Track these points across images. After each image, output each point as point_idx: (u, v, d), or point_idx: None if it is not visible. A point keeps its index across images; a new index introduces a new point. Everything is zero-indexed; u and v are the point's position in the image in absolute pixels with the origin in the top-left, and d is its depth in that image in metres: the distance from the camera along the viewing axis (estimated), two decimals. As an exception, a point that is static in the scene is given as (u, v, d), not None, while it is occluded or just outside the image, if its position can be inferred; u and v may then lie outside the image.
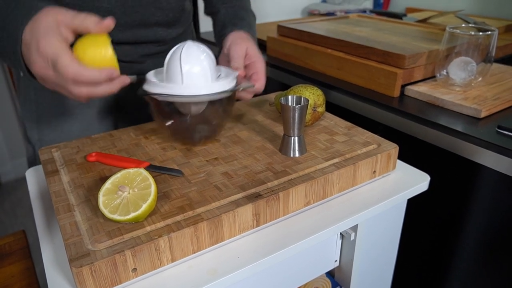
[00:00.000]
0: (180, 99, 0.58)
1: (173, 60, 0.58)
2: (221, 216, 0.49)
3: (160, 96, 0.58)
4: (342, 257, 0.65)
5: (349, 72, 1.00)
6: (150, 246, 0.45)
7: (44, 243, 0.52)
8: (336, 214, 0.56)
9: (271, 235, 0.53)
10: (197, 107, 0.61)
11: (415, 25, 1.22)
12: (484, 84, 0.90)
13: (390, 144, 0.65)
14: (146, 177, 0.50)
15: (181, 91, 0.57)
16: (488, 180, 0.75)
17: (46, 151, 0.64)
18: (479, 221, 0.79)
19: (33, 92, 0.77)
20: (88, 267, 0.42)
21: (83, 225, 0.48)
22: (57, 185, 0.55)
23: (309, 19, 1.35)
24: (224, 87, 0.59)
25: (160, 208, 0.50)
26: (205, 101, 0.60)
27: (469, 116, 0.80)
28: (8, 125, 2.31)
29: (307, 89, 0.68)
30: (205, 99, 0.58)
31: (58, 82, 0.50)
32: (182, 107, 0.61)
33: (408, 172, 0.66)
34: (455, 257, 0.85)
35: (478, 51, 0.86)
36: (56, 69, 0.48)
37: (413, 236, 0.90)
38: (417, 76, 0.94)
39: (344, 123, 0.72)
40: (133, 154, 0.63)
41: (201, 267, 0.48)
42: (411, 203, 0.68)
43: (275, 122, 0.73)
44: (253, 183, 0.55)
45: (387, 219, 0.66)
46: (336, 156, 0.61)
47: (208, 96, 0.58)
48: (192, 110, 0.61)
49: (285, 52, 1.18)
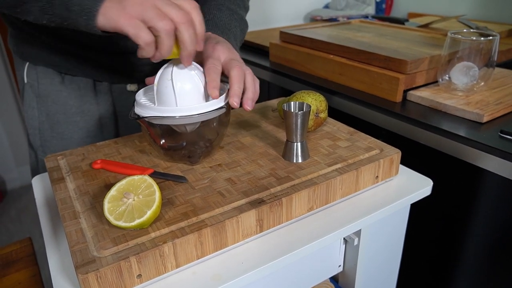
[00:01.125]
0: (174, 122, 0.56)
1: (163, 80, 0.56)
2: (224, 222, 0.49)
3: (154, 119, 0.55)
4: (346, 262, 0.66)
5: (351, 78, 1.00)
6: (154, 252, 0.45)
7: (50, 250, 0.53)
8: (339, 220, 0.57)
9: (275, 240, 0.53)
10: (192, 125, 0.59)
11: (417, 30, 1.23)
12: (487, 89, 0.91)
13: (393, 149, 0.65)
14: (151, 184, 0.50)
15: (176, 112, 0.55)
16: (491, 184, 0.75)
17: (52, 158, 0.65)
18: (482, 225, 0.79)
19: (36, 100, 0.79)
20: (93, 273, 0.42)
21: (88, 232, 0.48)
22: (63, 192, 0.56)
23: (311, 25, 1.36)
24: (218, 103, 0.57)
25: (164, 214, 0.50)
26: (200, 120, 0.58)
27: (472, 120, 0.80)
28: (14, 132, 2.33)
29: (310, 95, 0.68)
30: (200, 119, 0.56)
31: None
32: (177, 127, 0.59)
33: (411, 177, 0.67)
34: (459, 261, 0.85)
35: (480, 56, 0.87)
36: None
37: (417, 240, 0.90)
38: (419, 81, 0.94)
39: (346, 128, 0.73)
40: (138, 161, 0.63)
41: (205, 273, 0.48)
42: (414, 208, 0.68)
43: (278, 128, 0.74)
44: (256, 189, 0.55)
45: (391, 224, 0.66)
46: (338, 162, 0.61)
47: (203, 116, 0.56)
48: (188, 128, 0.59)
49: (288, 58, 1.19)
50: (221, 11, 0.71)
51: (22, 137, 2.36)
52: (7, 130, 2.30)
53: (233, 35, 0.70)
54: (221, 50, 0.62)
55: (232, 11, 0.73)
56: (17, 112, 2.31)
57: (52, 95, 0.79)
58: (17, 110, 2.31)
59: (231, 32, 0.70)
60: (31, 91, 0.79)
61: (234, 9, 0.73)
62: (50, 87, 0.78)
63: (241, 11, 0.76)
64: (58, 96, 0.79)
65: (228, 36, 0.68)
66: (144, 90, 0.62)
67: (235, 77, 0.58)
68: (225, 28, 0.69)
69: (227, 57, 0.61)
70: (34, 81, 0.78)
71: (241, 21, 0.75)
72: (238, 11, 0.74)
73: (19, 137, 2.36)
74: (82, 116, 0.80)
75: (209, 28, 0.68)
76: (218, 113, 0.58)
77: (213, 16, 0.70)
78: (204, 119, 0.57)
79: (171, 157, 0.63)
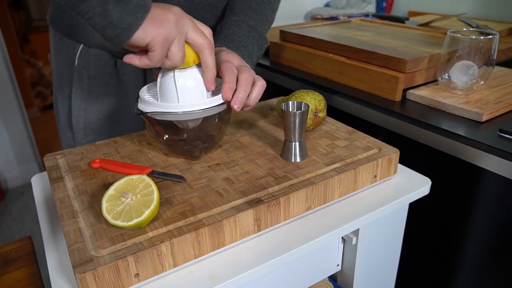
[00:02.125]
0: (176, 118, 0.57)
1: (166, 76, 0.57)
2: (222, 221, 0.49)
3: (156, 114, 0.57)
4: (344, 261, 0.66)
5: (350, 77, 1.00)
6: (152, 251, 0.45)
7: (49, 249, 0.53)
8: (337, 219, 0.57)
9: (272, 240, 0.53)
10: (194, 121, 0.60)
11: (417, 29, 1.22)
12: (486, 88, 0.90)
13: (391, 149, 0.65)
14: (149, 184, 0.50)
15: (177, 108, 0.56)
16: (490, 184, 0.75)
17: (51, 157, 0.65)
18: (481, 225, 0.79)
19: (87, 82, 0.81)
20: (91, 272, 0.42)
21: (86, 231, 0.48)
22: (61, 191, 0.56)
23: (311, 24, 1.36)
24: (220, 99, 0.58)
25: (162, 213, 0.51)
26: (201, 116, 0.59)
27: (471, 119, 0.80)
28: (16, 131, 2.34)
29: (308, 94, 0.68)
30: (202, 115, 0.58)
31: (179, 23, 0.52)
32: (179, 123, 0.60)
33: (409, 176, 0.67)
34: (458, 261, 0.85)
35: (479, 55, 0.86)
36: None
37: (415, 240, 0.90)
38: (418, 80, 0.94)
39: (345, 127, 0.73)
40: (136, 161, 0.64)
41: (203, 272, 0.48)
42: (413, 207, 0.68)
43: (276, 127, 0.74)
44: (254, 188, 0.55)
45: (389, 223, 0.66)
46: (337, 161, 0.61)
47: (204, 112, 0.57)
48: (190, 124, 0.60)
49: (287, 57, 1.19)
50: (240, 28, 0.73)
51: (23, 136, 2.37)
52: (8, 129, 2.30)
53: (247, 52, 0.72)
54: (233, 57, 0.64)
55: (252, 28, 0.74)
56: (19, 112, 2.32)
57: (105, 77, 0.81)
58: (19, 109, 2.32)
59: (246, 49, 0.72)
60: (83, 71, 0.80)
61: (254, 26, 0.74)
62: (103, 70, 0.80)
63: (262, 27, 0.77)
64: (110, 79, 0.81)
65: (242, 53, 0.70)
66: (147, 87, 0.63)
67: (243, 80, 0.59)
68: (240, 45, 0.71)
69: (238, 63, 0.64)
70: (87, 63, 0.80)
71: (260, 38, 0.75)
72: (258, 28, 0.75)
73: (21, 137, 2.36)
74: (130, 101, 0.82)
75: (225, 43, 0.70)
76: (220, 109, 0.59)
77: (231, 32, 0.72)
78: (206, 115, 0.58)
79: (173, 152, 0.64)
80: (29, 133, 2.42)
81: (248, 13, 0.75)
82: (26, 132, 2.39)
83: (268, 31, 0.80)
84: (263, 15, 0.77)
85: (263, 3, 0.77)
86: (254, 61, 0.74)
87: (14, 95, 2.28)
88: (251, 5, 0.76)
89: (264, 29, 0.77)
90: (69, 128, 0.86)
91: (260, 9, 0.76)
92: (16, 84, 2.30)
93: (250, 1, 0.76)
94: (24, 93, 2.49)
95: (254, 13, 0.75)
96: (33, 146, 2.46)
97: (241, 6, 0.76)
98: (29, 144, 2.43)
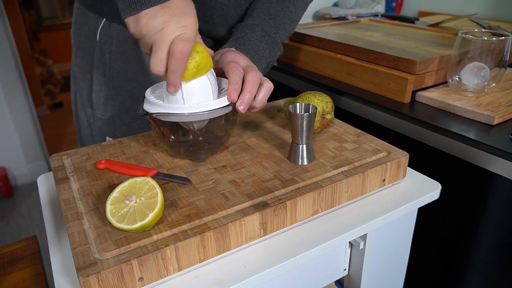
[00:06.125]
0: (182, 119, 0.56)
1: None
2: (227, 225, 0.49)
3: (161, 115, 0.56)
4: (351, 266, 0.65)
5: (359, 78, 0.99)
6: (156, 255, 0.45)
7: (54, 250, 0.53)
8: (344, 223, 0.56)
9: (279, 244, 0.52)
10: (200, 123, 0.59)
11: (427, 29, 1.21)
12: (498, 90, 0.89)
13: (400, 152, 0.64)
14: (153, 186, 0.50)
15: (183, 110, 0.55)
16: (501, 188, 0.73)
17: (57, 158, 0.65)
18: (491, 230, 0.78)
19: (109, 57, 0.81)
20: (95, 276, 0.42)
21: (91, 234, 0.48)
22: (66, 192, 0.56)
23: (319, 24, 1.35)
24: (226, 101, 0.57)
25: (167, 216, 0.50)
26: (207, 118, 0.58)
27: (482, 123, 0.79)
28: (25, 129, 2.35)
29: (316, 96, 0.68)
30: (208, 116, 0.57)
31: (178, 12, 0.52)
32: (185, 124, 0.59)
33: (418, 180, 0.65)
34: (467, 267, 0.84)
35: (491, 56, 0.85)
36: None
37: (424, 245, 0.88)
38: (428, 82, 0.92)
39: (353, 130, 0.72)
40: (142, 162, 0.63)
41: (208, 276, 0.48)
42: (422, 212, 0.67)
43: (283, 129, 0.73)
44: (261, 191, 0.55)
45: (397, 228, 0.65)
46: (345, 164, 0.60)
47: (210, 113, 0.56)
48: (195, 126, 0.59)
49: (295, 58, 1.18)
50: (253, 31, 0.72)
51: (32, 133, 2.39)
52: (17, 127, 2.32)
53: (258, 56, 0.71)
54: (240, 58, 0.64)
55: (265, 33, 0.73)
56: (28, 109, 2.34)
57: (127, 52, 0.80)
58: (28, 107, 2.33)
59: (256, 54, 0.71)
60: (105, 46, 0.80)
61: (268, 31, 0.73)
62: (125, 45, 0.80)
63: (277, 35, 0.75)
64: (132, 55, 0.80)
65: (252, 56, 0.69)
66: (152, 88, 0.63)
67: (249, 81, 0.58)
68: (251, 49, 0.70)
69: (245, 64, 0.63)
70: (109, 37, 0.80)
71: (273, 45, 0.74)
72: (272, 34, 0.74)
73: (30, 134, 2.38)
74: (150, 78, 0.82)
75: (236, 45, 0.69)
76: (226, 111, 0.58)
77: (244, 35, 0.71)
78: (212, 116, 0.57)
79: (178, 153, 0.63)
80: (38, 131, 2.44)
81: (265, 19, 0.74)
82: (35, 130, 2.41)
83: (284, 40, 0.78)
84: (280, 23, 0.76)
85: (282, 11, 0.76)
86: (264, 66, 0.73)
87: (24, 93, 2.30)
88: (269, 11, 0.75)
89: (279, 36, 0.76)
90: (89, 103, 0.86)
91: (278, 17, 0.75)
92: (25, 82, 2.31)
93: (269, 7, 0.75)
94: (34, 91, 2.52)
95: (271, 19, 0.74)
96: (42, 144, 2.48)
97: (259, 11, 0.75)
98: (38, 142, 2.44)
